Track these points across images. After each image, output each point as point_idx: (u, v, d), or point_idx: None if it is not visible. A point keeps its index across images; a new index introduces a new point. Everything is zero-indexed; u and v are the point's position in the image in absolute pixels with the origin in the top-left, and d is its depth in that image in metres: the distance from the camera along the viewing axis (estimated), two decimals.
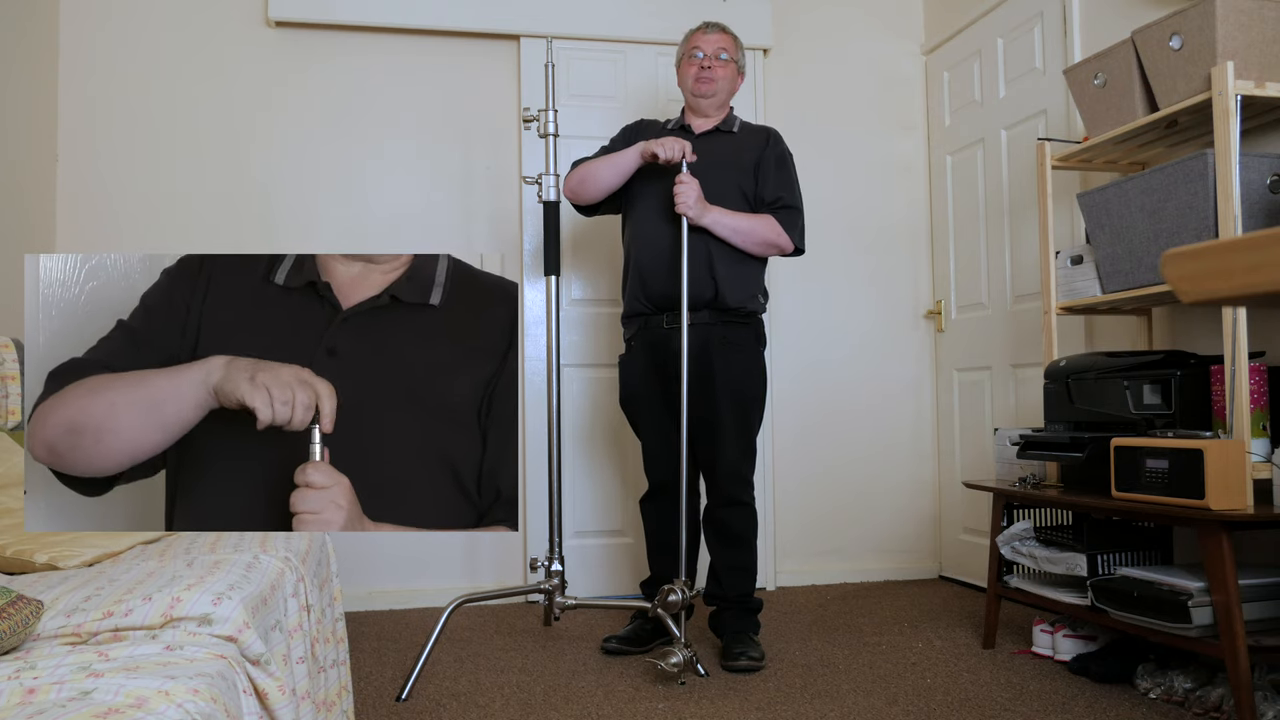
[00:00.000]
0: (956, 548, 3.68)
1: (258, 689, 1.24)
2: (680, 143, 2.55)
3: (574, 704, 2.24)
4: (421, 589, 3.38)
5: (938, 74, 3.80)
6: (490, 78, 3.54)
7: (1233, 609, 1.92)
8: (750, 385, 2.66)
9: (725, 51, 2.70)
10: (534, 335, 3.48)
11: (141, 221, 3.29)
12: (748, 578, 2.68)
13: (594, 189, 2.69)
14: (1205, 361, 2.28)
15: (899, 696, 2.26)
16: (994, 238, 3.45)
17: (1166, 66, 2.26)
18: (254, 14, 3.40)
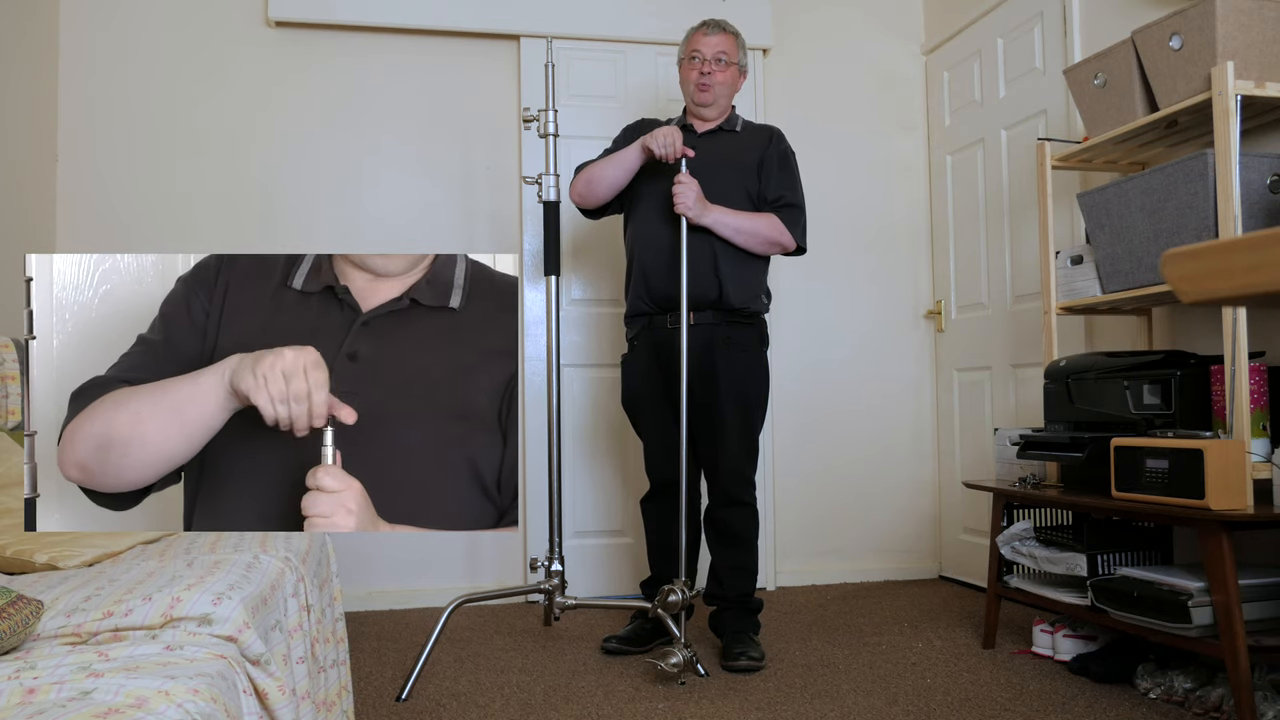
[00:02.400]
0: (956, 548, 3.68)
1: (258, 689, 1.24)
2: (674, 134, 2.53)
3: (574, 704, 2.24)
4: (421, 589, 3.38)
5: (938, 74, 3.80)
6: (490, 78, 3.54)
7: (1233, 609, 1.92)
8: (753, 385, 2.66)
9: (725, 55, 2.67)
10: (534, 335, 3.48)
11: (141, 221, 3.29)
12: (748, 578, 2.68)
13: (601, 189, 2.69)
14: (1205, 361, 2.28)
15: (899, 696, 2.26)
16: (994, 238, 3.45)
17: (1166, 66, 2.26)
18: (254, 14, 3.40)
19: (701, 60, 2.66)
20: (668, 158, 2.53)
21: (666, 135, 2.52)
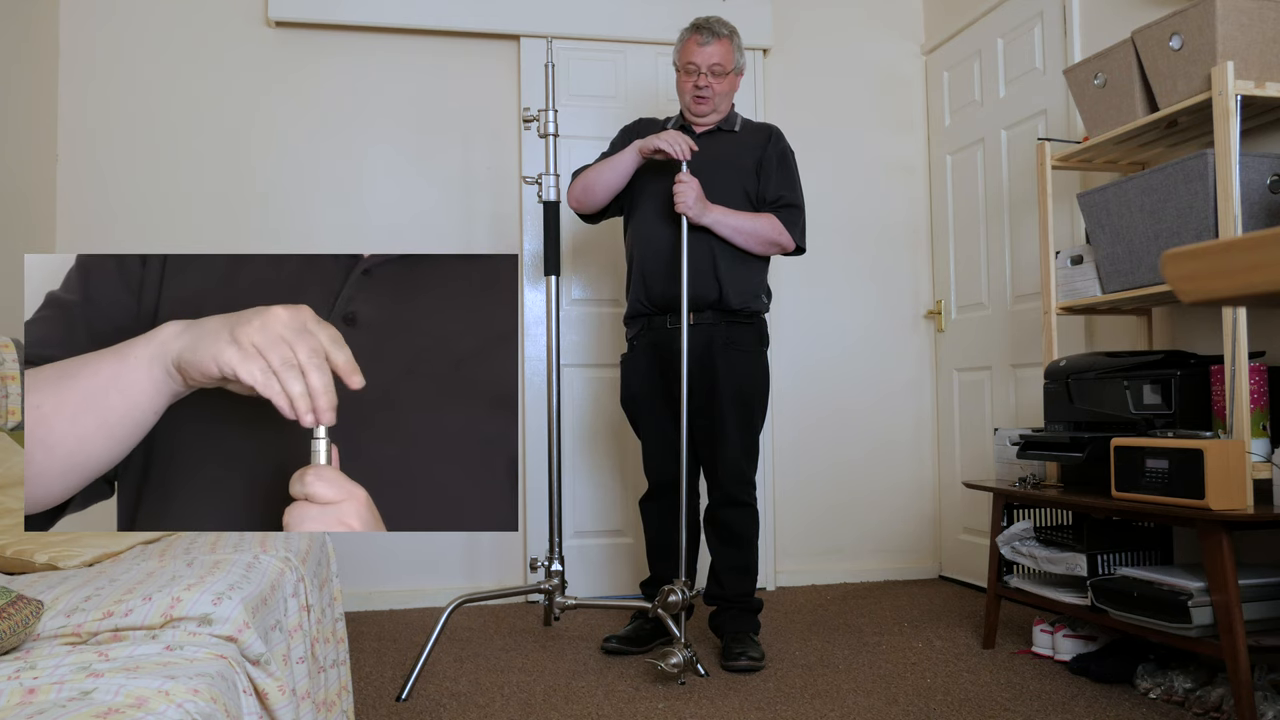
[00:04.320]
0: (956, 548, 3.68)
1: (258, 689, 1.24)
2: (682, 138, 2.53)
3: (574, 704, 2.24)
4: (421, 589, 3.38)
5: (938, 74, 3.80)
6: (490, 78, 3.54)
7: (1233, 609, 1.92)
8: (753, 385, 2.66)
9: (719, 65, 2.62)
10: (534, 335, 3.48)
11: (141, 221, 3.29)
12: (748, 578, 2.68)
13: (598, 194, 2.68)
14: (1205, 361, 2.28)
15: (899, 696, 2.26)
16: (994, 238, 3.45)
17: (1166, 66, 2.26)
18: (254, 14, 3.40)
19: (697, 73, 2.63)
20: (682, 155, 2.51)
21: (675, 136, 2.53)
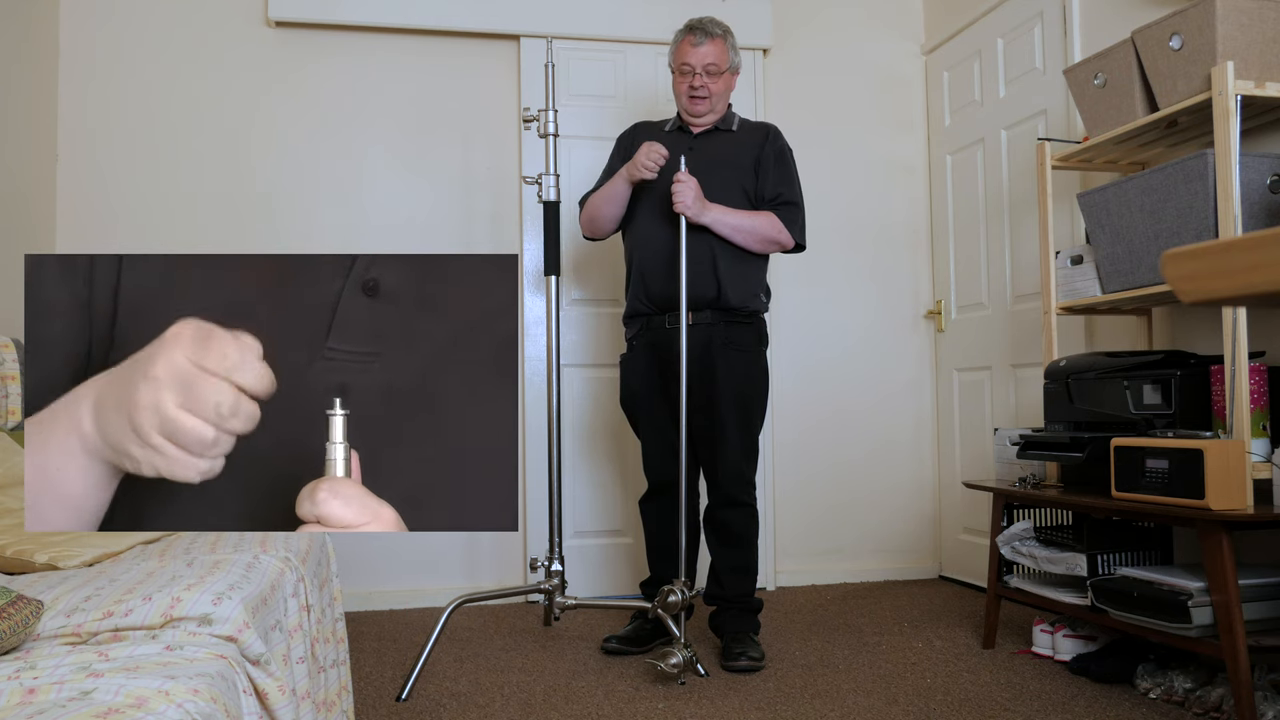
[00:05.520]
0: (956, 548, 3.68)
1: (258, 689, 1.24)
2: (648, 151, 2.55)
3: (574, 704, 2.24)
4: (421, 589, 3.38)
5: (938, 74, 3.80)
6: (490, 78, 3.54)
7: (1233, 609, 1.92)
8: (753, 385, 2.66)
9: (714, 65, 2.61)
10: (534, 335, 3.48)
11: (141, 221, 3.29)
12: (748, 578, 2.68)
13: (605, 225, 2.75)
14: (1205, 361, 2.28)
15: (899, 696, 2.26)
16: (994, 238, 3.45)
17: (1166, 66, 2.26)
18: (254, 14, 3.40)
19: (692, 73, 2.63)
20: (652, 174, 2.56)
21: (646, 157, 2.55)
